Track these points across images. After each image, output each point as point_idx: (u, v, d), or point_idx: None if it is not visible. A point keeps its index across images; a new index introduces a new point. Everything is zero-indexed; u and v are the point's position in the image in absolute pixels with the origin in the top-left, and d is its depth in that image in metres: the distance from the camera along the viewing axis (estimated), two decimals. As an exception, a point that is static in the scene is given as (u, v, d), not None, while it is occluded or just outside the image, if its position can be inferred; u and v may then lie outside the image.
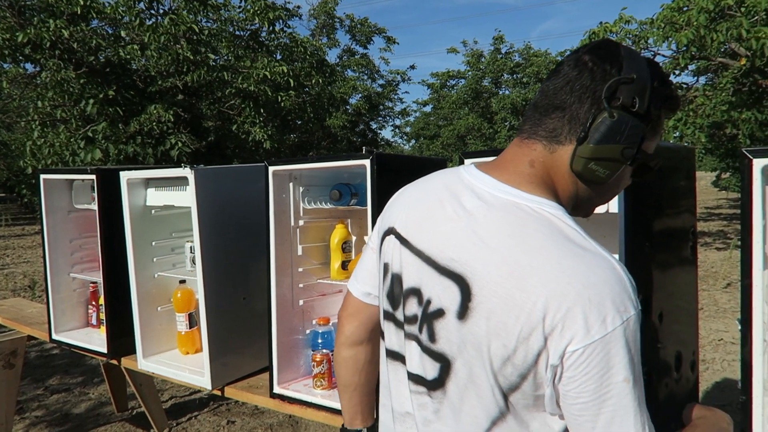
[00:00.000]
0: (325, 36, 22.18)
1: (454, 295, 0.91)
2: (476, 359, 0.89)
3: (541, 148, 0.94)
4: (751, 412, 1.33)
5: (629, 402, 0.82)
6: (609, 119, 0.88)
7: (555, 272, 0.83)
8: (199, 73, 8.43)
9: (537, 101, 0.96)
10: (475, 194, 0.95)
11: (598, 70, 0.90)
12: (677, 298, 1.65)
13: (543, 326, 0.82)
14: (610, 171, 0.92)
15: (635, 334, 0.82)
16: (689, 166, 1.74)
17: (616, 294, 0.82)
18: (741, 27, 7.26)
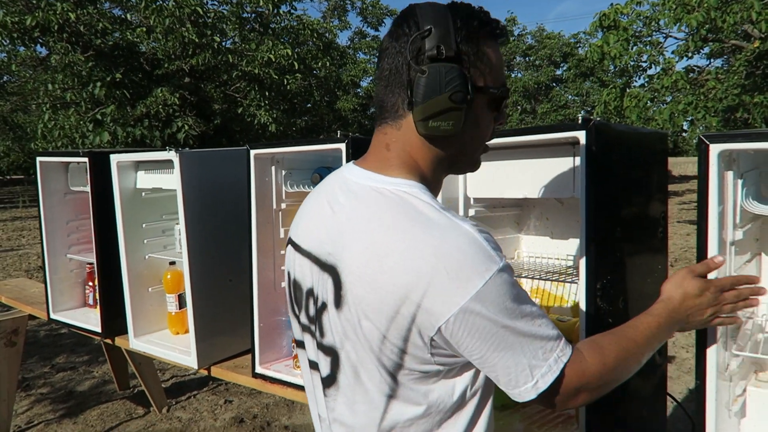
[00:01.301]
0: (336, 18, 22.05)
1: (330, 287, 0.95)
2: (358, 344, 0.93)
3: (390, 129, 0.98)
4: (705, 396, 1.34)
5: (514, 341, 0.86)
6: (422, 76, 0.90)
7: (409, 249, 0.86)
8: (204, 56, 8.44)
9: (377, 87, 1.00)
10: (347, 187, 0.99)
11: (401, 35, 0.93)
12: (645, 279, 1.65)
13: (407, 303, 0.86)
14: (454, 120, 0.93)
15: (504, 285, 0.86)
16: (661, 151, 1.73)
17: (473, 257, 0.85)
18: (752, 9, 7.11)
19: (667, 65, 9.70)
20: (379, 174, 0.97)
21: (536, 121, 21.65)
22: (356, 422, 0.98)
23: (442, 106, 0.91)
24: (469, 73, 0.93)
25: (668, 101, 9.88)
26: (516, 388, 0.89)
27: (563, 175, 1.61)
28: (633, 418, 1.64)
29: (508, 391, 0.90)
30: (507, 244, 2.00)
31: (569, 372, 0.90)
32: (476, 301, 0.84)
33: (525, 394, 0.89)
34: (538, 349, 0.88)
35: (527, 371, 0.88)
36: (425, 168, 0.99)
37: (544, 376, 0.88)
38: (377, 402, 0.95)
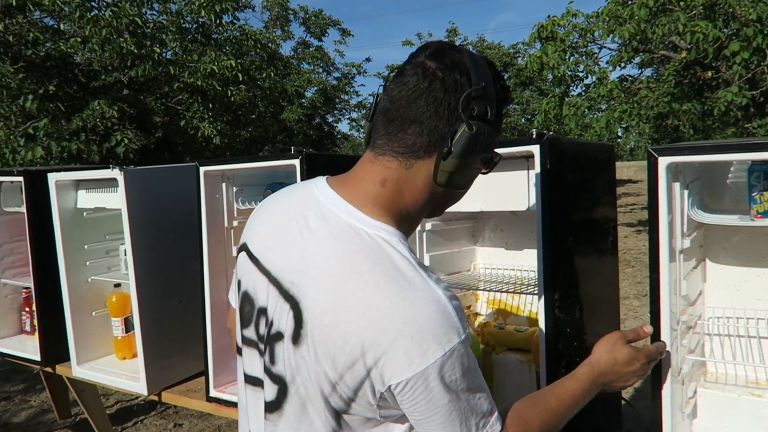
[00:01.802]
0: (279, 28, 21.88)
1: (290, 320, 0.91)
2: (309, 383, 0.91)
3: (396, 165, 0.93)
4: (661, 400, 1.38)
5: (455, 417, 0.87)
6: (468, 132, 0.89)
7: (378, 306, 0.85)
8: (144, 68, 8.17)
9: (388, 112, 0.94)
10: (320, 213, 0.95)
11: (449, 80, 0.90)
12: (598, 288, 1.70)
13: (365, 359, 0.85)
14: (471, 177, 0.96)
15: (461, 358, 0.87)
16: (609, 162, 1.78)
17: (438, 327, 0.85)
18: (678, 21, 7.50)
19: (602, 75, 10.09)
20: (359, 210, 0.93)
21: (480, 129, 22.02)
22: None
23: (473, 165, 0.93)
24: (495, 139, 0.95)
25: (604, 109, 10.28)
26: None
27: (518, 188, 1.63)
28: (592, 424, 1.68)
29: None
30: (463, 256, 2.02)
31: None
32: (432, 370, 0.84)
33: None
34: (473, 425, 0.89)
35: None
36: (412, 213, 0.97)
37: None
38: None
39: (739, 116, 8.82)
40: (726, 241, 1.66)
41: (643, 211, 15.24)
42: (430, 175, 0.93)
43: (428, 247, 1.86)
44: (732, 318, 1.64)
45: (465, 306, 2.02)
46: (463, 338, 0.87)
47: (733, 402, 1.54)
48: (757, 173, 1.38)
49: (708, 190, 1.65)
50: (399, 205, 0.95)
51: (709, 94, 9.48)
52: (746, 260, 1.64)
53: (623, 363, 1.13)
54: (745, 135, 8.68)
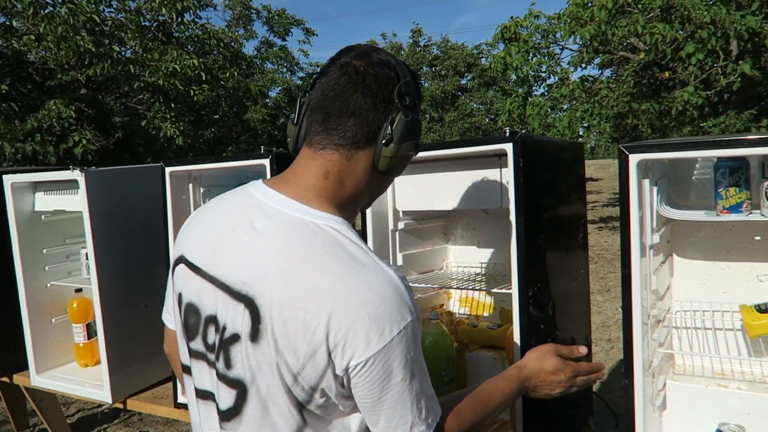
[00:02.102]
0: (242, 27, 21.60)
1: (246, 319, 0.91)
2: (271, 379, 0.92)
3: (337, 157, 0.97)
4: (633, 393, 1.40)
5: (407, 396, 0.92)
6: (405, 119, 0.97)
7: (335, 291, 0.88)
8: (102, 66, 7.94)
9: (324, 109, 0.97)
10: (264, 213, 0.96)
11: (381, 75, 0.97)
12: (570, 285, 1.72)
13: (327, 344, 0.87)
14: (406, 162, 1.03)
15: (414, 336, 0.91)
16: (578, 160, 1.81)
17: (393, 306, 0.89)
18: (637, 23, 7.69)
19: (564, 75, 10.28)
20: (305, 204, 0.95)
21: (444, 129, 22.25)
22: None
23: (409, 150, 1.00)
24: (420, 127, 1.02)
25: (566, 109, 10.48)
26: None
27: (490, 186, 1.64)
28: (565, 418, 1.69)
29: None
30: (435, 254, 2.02)
31: None
32: (389, 348, 0.88)
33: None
34: (423, 408, 0.94)
35: (408, 426, 0.93)
36: (353, 202, 1.02)
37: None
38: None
39: (695, 116, 9.10)
40: (692, 236, 1.70)
41: (605, 209, 15.60)
42: (370, 163, 0.99)
43: (401, 246, 1.85)
44: (699, 311, 1.68)
45: (438, 304, 2.01)
46: (414, 317, 0.91)
47: (701, 393, 1.58)
48: (722, 170, 1.42)
49: (674, 186, 1.69)
50: (341, 195, 0.99)
51: (666, 94, 9.76)
52: (712, 255, 1.68)
53: (548, 372, 1.19)
54: (700, 134, 8.96)
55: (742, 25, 7.47)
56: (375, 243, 1.77)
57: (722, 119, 8.67)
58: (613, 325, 5.67)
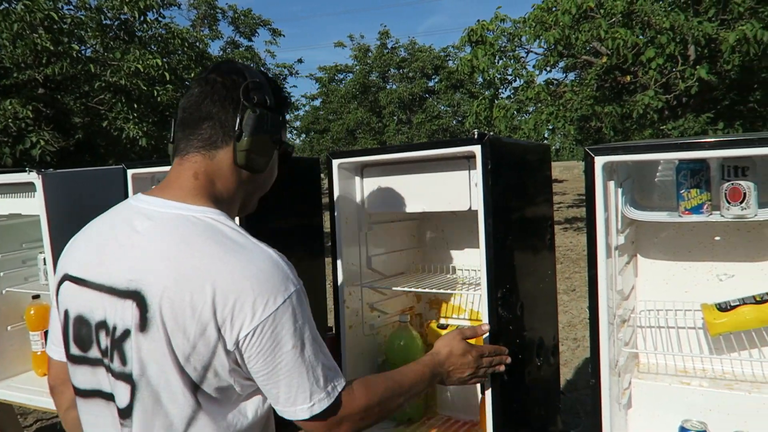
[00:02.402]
0: (207, 27, 21.29)
1: (135, 311, 0.96)
2: (163, 365, 0.95)
3: (201, 159, 1.06)
4: (600, 393, 1.42)
5: (300, 364, 0.97)
6: (253, 114, 1.05)
7: (218, 270, 0.94)
8: (61, 65, 7.70)
9: (182, 120, 1.08)
10: (144, 216, 1.02)
11: (228, 80, 1.06)
12: (538, 285, 1.73)
13: (215, 320, 0.93)
14: (267, 157, 1.10)
15: (300, 306, 0.98)
16: (545, 161, 1.82)
17: (275, 278, 0.96)
18: (600, 28, 7.86)
19: (530, 78, 10.44)
20: (183, 203, 1.02)
21: (412, 130, 22.34)
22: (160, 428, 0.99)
23: (264, 143, 1.08)
24: (281, 126, 1.12)
25: (531, 111, 10.64)
26: (293, 406, 0.99)
27: (459, 188, 1.64)
28: (534, 417, 1.71)
29: (284, 407, 0.99)
30: (405, 256, 2.01)
31: (340, 401, 1.02)
32: (275, 317, 0.94)
33: (300, 413, 0.99)
34: (321, 376, 1.00)
35: (307, 393, 0.98)
36: (228, 199, 1.09)
37: (321, 401, 0.99)
38: (177, 426, 0.98)
39: (655, 119, 9.34)
40: (655, 237, 1.74)
41: (570, 209, 15.89)
42: (231, 160, 1.07)
43: (370, 248, 1.84)
44: (662, 311, 1.72)
45: (407, 307, 2.01)
46: (298, 287, 0.99)
47: (664, 391, 1.61)
48: (684, 171, 1.45)
49: (638, 188, 1.72)
50: (214, 192, 1.07)
51: (627, 98, 10.01)
52: (674, 255, 1.72)
53: (458, 355, 1.28)
54: (660, 136, 9.21)
55: (699, 31, 7.71)
56: (344, 245, 1.76)
57: (681, 122, 8.93)
58: (578, 324, 5.77)
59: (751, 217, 1.38)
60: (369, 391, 1.07)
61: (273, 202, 1.96)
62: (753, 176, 1.37)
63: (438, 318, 2.01)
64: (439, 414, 1.90)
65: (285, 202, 2.03)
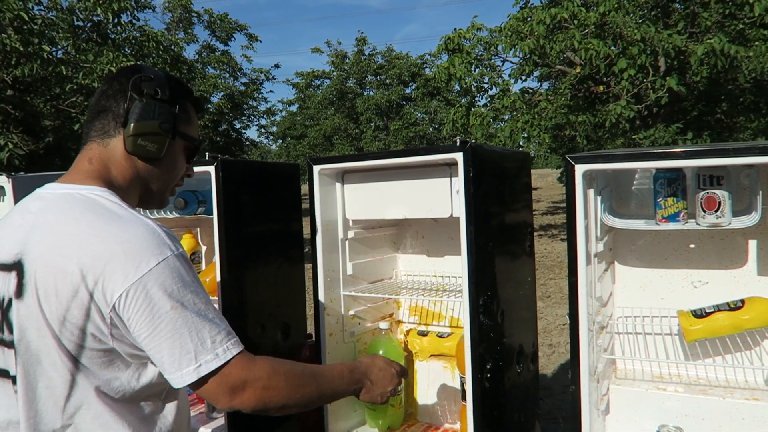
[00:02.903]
0: (182, 31, 21.06)
1: (14, 279, 1.01)
2: (40, 329, 0.99)
3: (96, 146, 1.14)
4: (580, 399, 1.43)
5: (182, 325, 0.97)
6: (139, 103, 1.12)
7: (91, 236, 0.98)
8: (31, 67, 7.53)
9: (89, 116, 1.16)
10: (38, 198, 1.09)
11: (123, 78, 1.14)
12: (518, 292, 1.74)
13: (86, 283, 0.95)
14: (159, 144, 1.14)
15: (178, 270, 0.99)
16: (526, 168, 1.84)
17: (149, 242, 0.99)
18: (574, 38, 8.00)
19: (505, 87, 10.57)
20: (74, 184, 1.09)
21: (389, 137, 22.40)
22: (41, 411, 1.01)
23: (152, 129, 1.12)
24: (176, 116, 1.16)
25: (507, 119, 10.76)
26: (179, 370, 0.97)
27: (440, 195, 1.64)
28: (513, 422, 1.71)
29: (172, 374, 0.98)
30: (385, 263, 2.01)
31: (236, 364, 0.99)
32: (149, 278, 0.96)
33: (186, 376, 0.97)
34: (207, 337, 0.98)
35: (191, 355, 0.97)
36: (124, 186, 1.14)
37: (209, 362, 0.97)
38: (59, 389, 1.00)
39: (627, 128, 9.53)
40: (632, 244, 1.76)
41: (544, 216, 16.08)
42: (123, 147, 1.13)
43: (351, 255, 1.83)
44: (639, 317, 1.74)
45: (387, 314, 2.00)
46: (176, 253, 1.00)
47: (641, 396, 1.63)
48: (661, 180, 1.47)
49: (616, 196, 1.75)
50: (109, 177, 1.12)
51: (600, 107, 10.19)
52: (650, 262, 1.74)
53: (380, 367, 1.27)
54: (632, 145, 9.39)
55: (669, 43, 7.89)
56: (324, 251, 1.75)
57: (652, 132, 9.13)
58: (554, 330, 5.82)
59: (725, 225, 1.41)
60: (275, 362, 1.05)
61: (250, 206, 1.95)
62: (728, 185, 1.40)
63: (418, 325, 2.00)
64: (419, 421, 1.90)
65: (263, 208, 2.01)
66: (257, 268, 1.96)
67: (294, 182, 2.20)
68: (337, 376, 1.19)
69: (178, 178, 1.25)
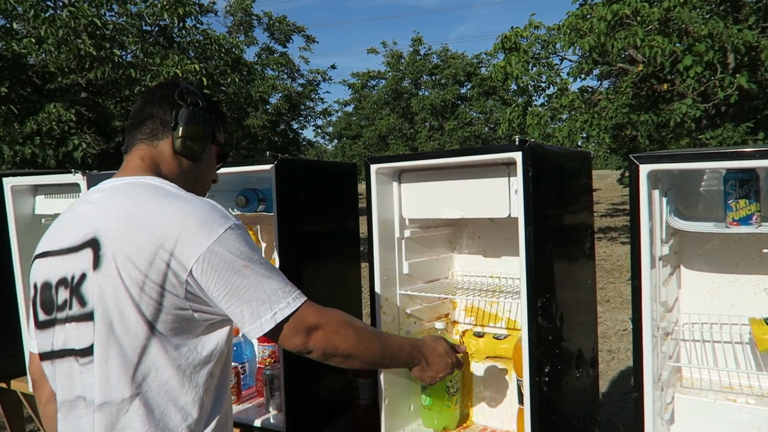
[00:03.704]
0: (243, 33, 21.64)
1: (89, 254, 1.10)
2: (118, 297, 1.06)
3: (145, 147, 1.26)
4: (643, 407, 1.39)
5: (255, 280, 1.09)
6: (186, 110, 1.27)
7: (162, 211, 1.10)
8: (103, 70, 7.93)
9: (129, 126, 1.30)
10: (97, 190, 1.21)
11: (166, 89, 1.30)
12: (578, 295, 1.70)
13: (162, 252, 1.05)
14: (202, 146, 1.30)
15: (242, 235, 1.11)
16: (586, 168, 1.80)
17: (215, 214, 1.10)
18: (636, 35, 7.73)
19: (564, 85, 10.32)
20: (130, 176, 1.21)
21: (444, 137, 22.28)
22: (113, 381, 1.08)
23: (198, 132, 1.28)
24: (214, 124, 1.33)
25: (565, 119, 10.51)
26: (258, 320, 1.08)
27: (498, 194, 1.62)
28: (572, 429, 1.67)
29: (251, 324, 1.08)
30: (441, 263, 2.00)
31: (307, 310, 1.12)
32: (219, 243, 1.07)
33: (266, 324, 1.08)
34: (278, 289, 1.10)
35: (267, 305, 1.08)
36: (171, 178, 1.25)
37: (283, 309, 1.09)
38: (130, 355, 1.07)
39: (693, 128, 9.12)
40: (699, 248, 1.69)
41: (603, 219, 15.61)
42: (171, 148, 1.27)
43: (407, 254, 1.83)
44: (706, 324, 1.67)
45: (443, 314, 2.00)
46: (237, 222, 1.12)
47: (709, 407, 1.56)
48: (732, 181, 1.41)
49: (682, 197, 1.68)
50: (159, 171, 1.25)
51: (664, 106, 9.80)
52: (719, 266, 1.67)
53: (439, 354, 1.40)
54: (698, 146, 8.99)
55: (739, 38, 7.51)
56: (381, 250, 1.76)
57: (720, 132, 8.70)
58: (613, 336, 5.66)
59: (803, 229, 1.34)
60: (344, 314, 1.18)
61: (309, 205, 1.98)
62: (806, 187, 1.33)
63: (474, 326, 1.99)
64: (475, 423, 1.89)
65: (321, 206, 2.05)
66: (315, 265, 1.99)
67: (351, 181, 2.22)
68: (399, 345, 1.31)
69: (210, 182, 1.39)
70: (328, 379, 2.05)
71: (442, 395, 1.75)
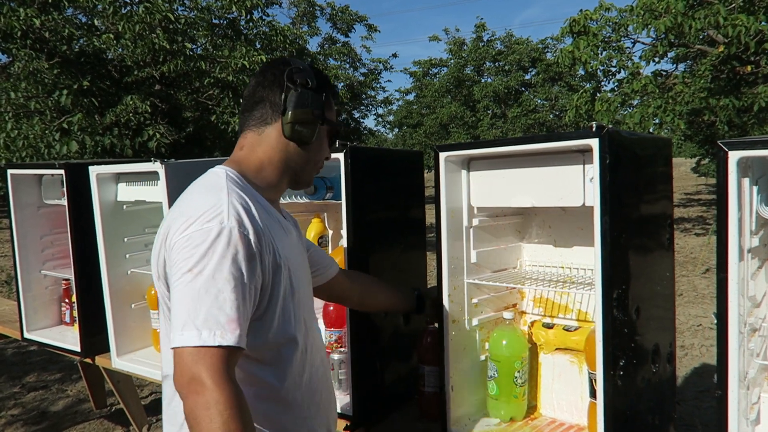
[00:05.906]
0: (306, 24, 21.94)
1: None
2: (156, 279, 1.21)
3: (251, 134, 1.28)
4: (727, 406, 1.32)
5: (187, 291, 1.03)
6: (295, 93, 1.24)
7: (182, 204, 1.18)
8: (176, 63, 8.25)
9: (243, 107, 1.31)
10: None
11: (276, 69, 1.27)
12: (655, 288, 1.64)
13: (165, 240, 1.13)
14: (311, 130, 1.27)
15: (221, 244, 1.05)
16: (666, 156, 1.72)
17: (208, 213, 1.09)
18: (718, 14, 7.29)
19: (635, 70, 9.88)
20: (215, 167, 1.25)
21: (507, 124, 21.84)
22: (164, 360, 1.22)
23: (307, 116, 1.25)
24: (323, 104, 1.29)
25: (636, 105, 10.07)
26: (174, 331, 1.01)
27: (572, 183, 1.58)
28: (647, 426, 1.62)
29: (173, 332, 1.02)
30: (509, 252, 1.97)
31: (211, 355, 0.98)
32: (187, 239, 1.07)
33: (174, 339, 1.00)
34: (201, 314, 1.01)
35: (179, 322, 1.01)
36: (270, 168, 1.28)
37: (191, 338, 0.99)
38: (167, 339, 1.19)
39: (779, 112, 8.55)
40: (792, 241, 1.58)
41: (676, 209, 14.90)
42: (280, 133, 1.26)
43: (475, 243, 1.82)
44: (798, 321, 1.57)
45: (510, 304, 1.96)
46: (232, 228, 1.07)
47: (799, 409, 1.47)
48: (833, 169, 1.31)
49: (774, 186, 1.57)
50: (251, 159, 1.27)
51: (746, 90, 9.21)
52: (814, 260, 1.56)
53: None
54: (785, 132, 8.41)
55: (836, 15, 6.95)
56: (449, 239, 1.75)
57: (810, 116, 8.12)
58: (686, 331, 5.41)
59: None
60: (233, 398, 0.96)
61: (377, 192, 1.99)
62: None
63: (543, 317, 1.95)
64: (542, 415, 1.85)
65: (388, 194, 2.05)
66: (382, 253, 2.01)
67: (418, 169, 2.22)
68: None
69: (322, 162, 1.38)
70: (393, 365, 2.06)
71: (510, 385, 1.73)
